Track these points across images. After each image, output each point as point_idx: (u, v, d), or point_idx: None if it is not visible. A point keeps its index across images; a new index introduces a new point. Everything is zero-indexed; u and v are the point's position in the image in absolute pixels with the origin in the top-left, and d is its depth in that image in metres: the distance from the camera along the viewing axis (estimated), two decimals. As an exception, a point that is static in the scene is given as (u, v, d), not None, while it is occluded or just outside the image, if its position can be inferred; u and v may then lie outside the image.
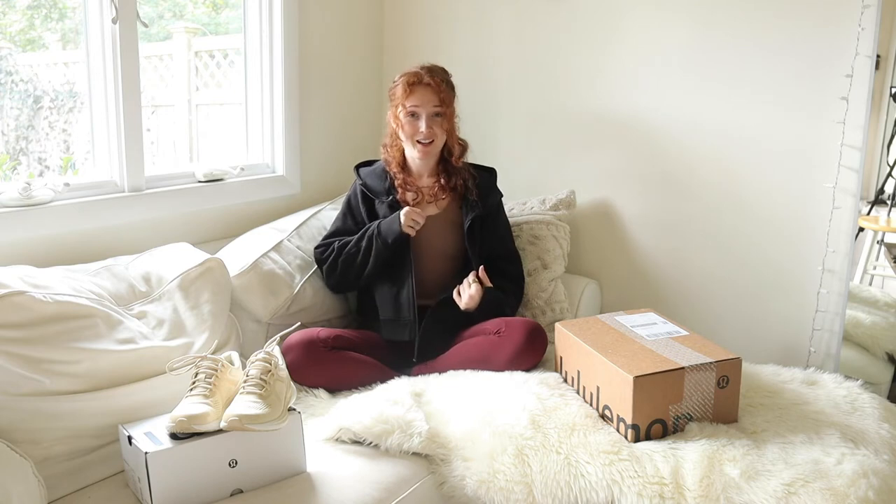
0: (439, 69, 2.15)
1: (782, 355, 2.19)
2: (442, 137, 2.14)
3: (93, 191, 2.02)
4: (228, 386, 1.53)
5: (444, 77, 2.13)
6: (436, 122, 2.10)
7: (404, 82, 2.09)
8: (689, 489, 1.45)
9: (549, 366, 2.00)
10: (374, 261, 2.09)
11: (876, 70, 1.99)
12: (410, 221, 2.05)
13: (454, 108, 2.16)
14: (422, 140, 2.10)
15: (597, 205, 2.48)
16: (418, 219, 2.06)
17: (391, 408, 1.69)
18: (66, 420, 1.50)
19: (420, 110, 2.09)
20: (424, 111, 2.08)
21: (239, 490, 1.48)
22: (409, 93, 2.08)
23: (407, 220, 2.05)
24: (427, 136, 2.09)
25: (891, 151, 2.29)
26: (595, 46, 2.40)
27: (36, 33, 2.26)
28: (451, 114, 2.14)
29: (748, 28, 2.13)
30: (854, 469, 1.45)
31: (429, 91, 2.08)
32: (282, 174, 2.52)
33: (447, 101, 2.11)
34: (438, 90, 2.08)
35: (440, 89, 2.09)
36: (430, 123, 2.09)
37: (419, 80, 2.08)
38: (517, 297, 2.23)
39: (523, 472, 1.55)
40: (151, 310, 1.80)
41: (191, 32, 2.92)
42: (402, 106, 2.09)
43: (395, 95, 2.12)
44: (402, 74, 2.12)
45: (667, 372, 1.61)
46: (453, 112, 2.16)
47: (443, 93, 2.09)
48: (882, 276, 2.42)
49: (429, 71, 2.10)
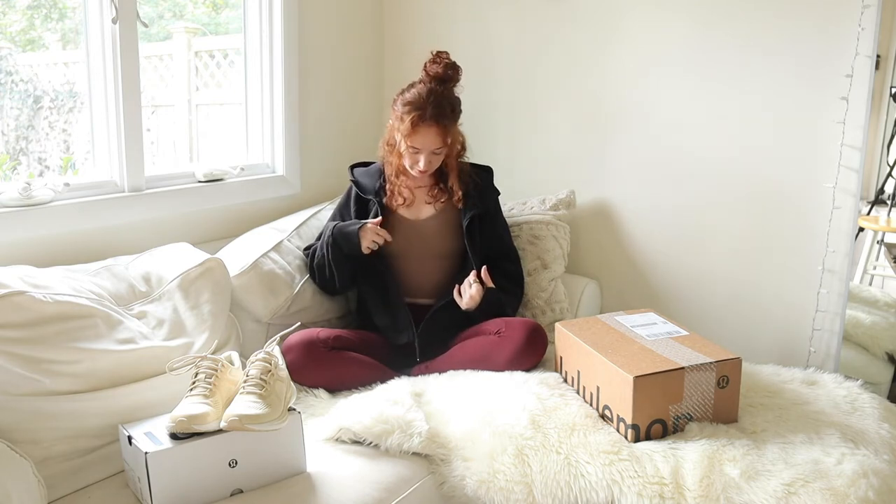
0: (446, 100, 2.04)
1: (782, 355, 2.19)
2: (439, 163, 2.10)
3: (93, 191, 2.02)
4: (228, 386, 1.53)
5: (450, 110, 2.04)
6: (435, 159, 2.07)
7: (410, 120, 2.00)
8: (689, 489, 1.45)
9: (549, 366, 2.00)
10: (337, 270, 2.08)
11: (876, 70, 1.99)
12: (370, 243, 2.04)
13: (457, 133, 2.11)
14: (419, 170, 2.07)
15: (597, 205, 2.48)
16: (379, 240, 2.05)
17: (391, 408, 1.69)
18: (66, 420, 1.50)
19: (422, 149, 2.04)
20: (426, 150, 2.04)
21: (239, 490, 1.48)
22: (412, 131, 2.01)
23: (367, 241, 2.04)
24: (425, 169, 2.06)
25: (891, 151, 2.29)
26: (595, 46, 2.40)
27: (36, 33, 2.26)
28: (453, 142, 2.09)
29: (748, 28, 2.13)
30: (854, 469, 1.45)
31: (432, 133, 2.01)
32: (282, 174, 2.52)
33: (449, 136, 2.05)
34: (443, 133, 2.02)
35: (445, 132, 2.02)
36: (430, 159, 2.06)
37: (423, 121, 2.00)
38: (517, 296, 2.22)
39: (523, 472, 1.55)
40: (151, 310, 1.80)
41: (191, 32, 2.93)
42: (404, 141, 2.03)
43: (399, 122, 2.04)
44: (408, 102, 2.02)
45: (667, 372, 1.61)
46: (455, 139, 2.10)
47: (446, 134, 2.03)
48: (882, 276, 2.42)
49: (435, 105, 2.00)
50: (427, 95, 2.02)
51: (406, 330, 2.08)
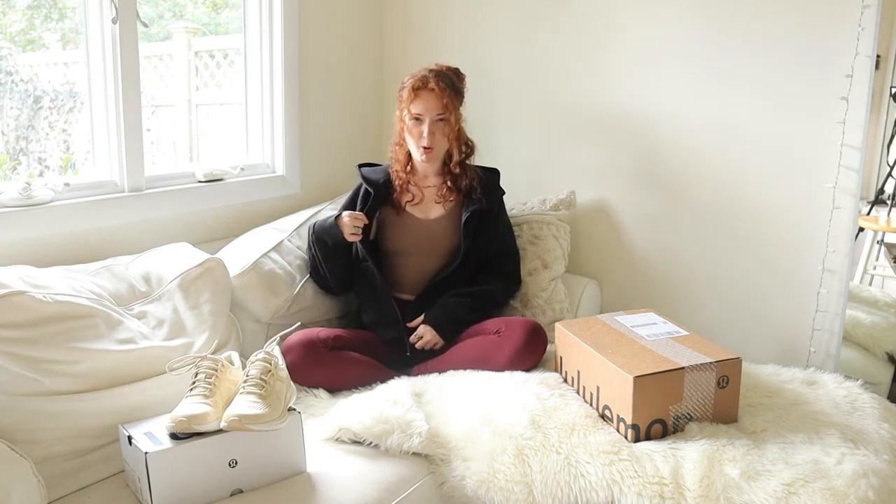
0: (448, 73, 2.13)
1: (782, 355, 2.18)
2: (444, 142, 2.13)
3: (93, 191, 2.02)
4: (228, 386, 1.53)
5: (450, 82, 2.11)
6: (438, 128, 2.10)
7: (410, 86, 2.09)
8: (689, 489, 1.45)
9: (549, 366, 2.00)
10: (327, 266, 2.12)
11: (876, 70, 1.99)
12: (352, 229, 2.07)
13: (459, 113, 2.14)
14: (423, 145, 2.10)
15: (597, 205, 2.48)
16: (358, 223, 2.08)
17: (391, 408, 1.69)
18: (66, 420, 1.50)
19: (423, 116, 2.08)
20: (427, 117, 2.08)
21: (239, 490, 1.48)
22: (413, 98, 2.08)
23: (348, 229, 2.06)
24: (428, 142, 2.09)
25: (891, 151, 2.29)
26: (596, 46, 2.40)
27: (36, 33, 2.26)
28: (455, 119, 2.12)
29: (748, 27, 2.13)
30: (854, 469, 1.45)
31: (432, 97, 2.07)
32: (282, 174, 2.52)
33: (451, 106, 2.10)
34: (442, 96, 2.07)
35: (444, 95, 2.07)
36: (433, 129, 2.09)
37: (424, 85, 2.07)
38: (504, 292, 2.23)
39: (523, 472, 1.55)
40: (151, 310, 1.80)
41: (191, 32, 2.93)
42: (407, 110, 2.10)
43: (402, 98, 2.12)
44: (410, 77, 2.11)
45: (667, 372, 1.61)
46: (458, 117, 2.13)
47: (447, 99, 2.08)
48: (882, 276, 2.42)
49: (436, 75, 2.09)
50: (429, 70, 2.12)
51: (393, 323, 2.10)
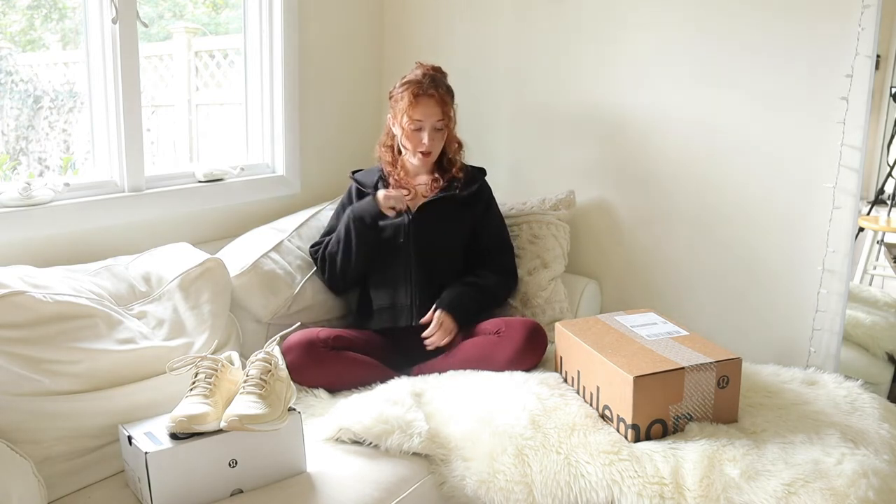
0: (439, 76, 2.15)
1: (782, 355, 2.18)
2: (441, 145, 2.16)
3: (93, 191, 2.02)
4: (228, 386, 1.53)
5: (445, 86, 2.14)
6: (438, 136, 2.12)
7: (409, 94, 2.08)
8: (689, 489, 1.45)
9: (549, 366, 2.00)
10: (357, 244, 2.11)
11: (876, 70, 1.99)
12: (390, 202, 2.08)
13: (454, 114, 2.17)
14: (423, 150, 2.12)
15: (596, 204, 2.48)
16: (396, 204, 2.09)
17: (391, 408, 1.69)
18: (66, 420, 1.50)
19: (424, 123, 2.10)
20: (428, 123, 2.10)
21: (239, 490, 1.48)
22: (414, 105, 2.08)
23: (386, 203, 2.08)
24: (429, 147, 2.11)
25: (891, 151, 2.29)
26: (595, 46, 2.40)
27: (36, 33, 2.26)
28: (452, 123, 2.16)
29: (748, 28, 2.13)
30: (854, 469, 1.45)
31: (432, 104, 2.08)
32: (282, 174, 2.52)
33: (449, 112, 2.13)
34: (442, 103, 2.09)
35: (444, 101, 2.10)
36: (433, 136, 2.11)
37: (423, 92, 2.08)
38: (502, 286, 2.23)
39: (523, 472, 1.55)
40: (151, 310, 1.80)
41: (191, 32, 2.93)
42: (406, 116, 2.10)
43: (399, 104, 2.11)
44: (405, 82, 2.11)
45: (667, 372, 1.61)
46: (454, 121, 2.17)
47: (446, 105, 2.11)
48: (882, 276, 2.42)
49: (431, 81, 2.10)
50: (423, 75, 2.12)
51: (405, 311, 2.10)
